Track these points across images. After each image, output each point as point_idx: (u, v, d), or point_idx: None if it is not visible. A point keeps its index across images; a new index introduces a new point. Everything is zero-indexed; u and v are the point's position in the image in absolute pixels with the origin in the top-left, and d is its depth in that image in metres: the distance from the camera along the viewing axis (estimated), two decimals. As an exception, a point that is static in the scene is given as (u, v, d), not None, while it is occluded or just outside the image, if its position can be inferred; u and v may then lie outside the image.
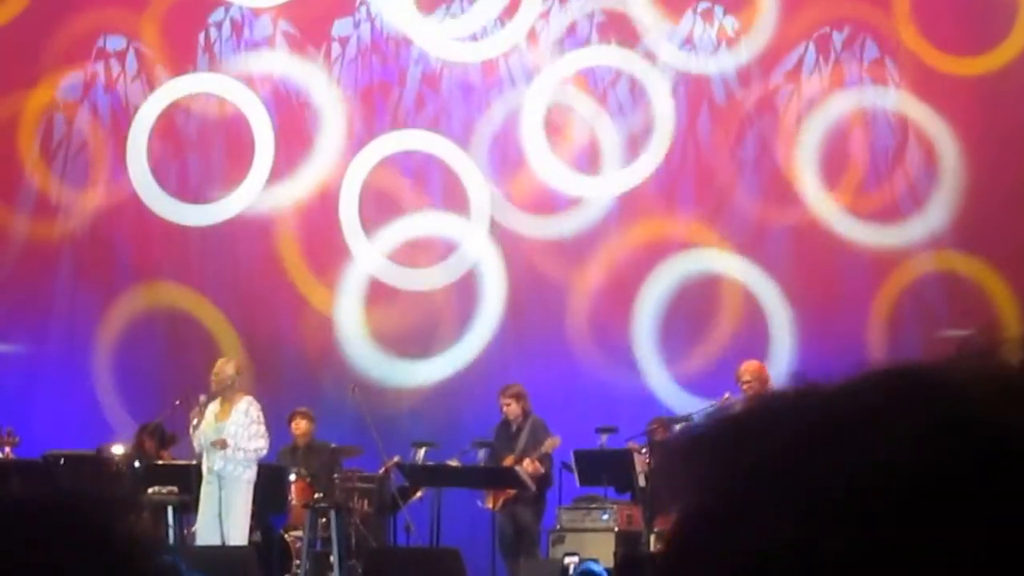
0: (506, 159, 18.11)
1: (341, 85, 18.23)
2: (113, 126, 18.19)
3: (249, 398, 14.96)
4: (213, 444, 14.59)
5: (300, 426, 15.95)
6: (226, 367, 15.05)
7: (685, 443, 1.06)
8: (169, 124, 18.17)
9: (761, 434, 1.01)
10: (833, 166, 17.73)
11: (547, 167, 17.99)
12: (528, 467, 15.02)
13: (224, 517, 14.58)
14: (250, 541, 14.92)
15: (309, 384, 17.25)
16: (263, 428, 14.84)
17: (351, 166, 18.07)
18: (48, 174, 18.17)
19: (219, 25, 18.24)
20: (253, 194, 18.02)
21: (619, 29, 18.06)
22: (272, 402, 15.76)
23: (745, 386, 14.48)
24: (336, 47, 18.29)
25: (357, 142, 18.13)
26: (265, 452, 14.94)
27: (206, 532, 14.59)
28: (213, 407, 14.80)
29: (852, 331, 16.89)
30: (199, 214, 18.09)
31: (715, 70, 17.99)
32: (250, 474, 14.72)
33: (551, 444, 15.17)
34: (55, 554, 1.39)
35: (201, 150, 18.26)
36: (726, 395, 14.67)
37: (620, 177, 17.94)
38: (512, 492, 15.01)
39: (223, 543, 14.46)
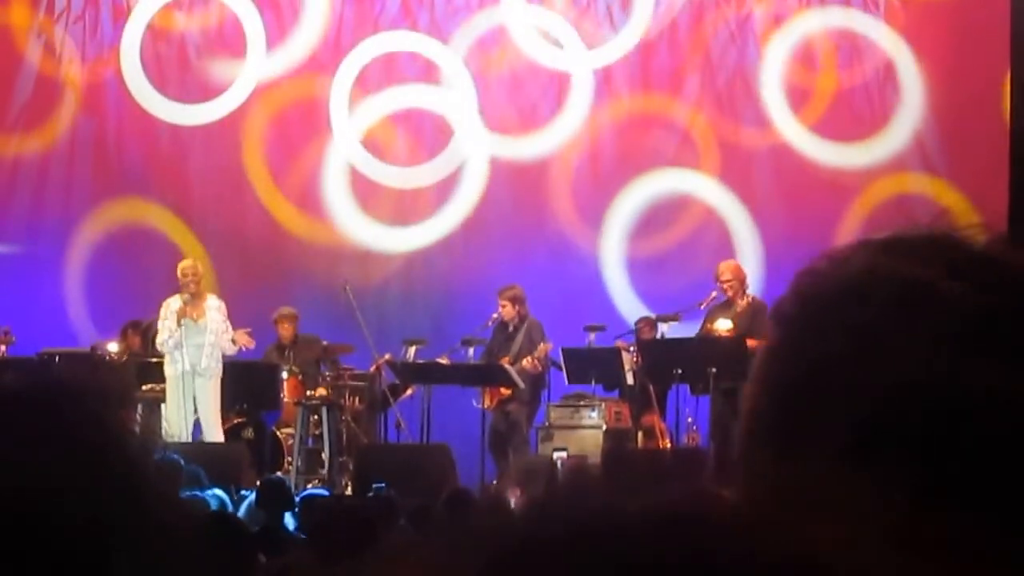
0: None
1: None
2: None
3: (214, 295, 15.13)
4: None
5: (287, 329, 15.99)
6: (198, 265, 15.18)
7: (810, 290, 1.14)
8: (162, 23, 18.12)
9: (895, 278, 1.12)
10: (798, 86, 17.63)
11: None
12: (527, 363, 15.13)
13: (201, 413, 14.75)
14: (242, 437, 15.10)
15: (300, 280, 17.33)
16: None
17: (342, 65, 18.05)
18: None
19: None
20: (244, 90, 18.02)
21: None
22: (264, 298, 15.88)
23: (725, 285, 14.60)
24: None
25: (345, 43, 18.08)
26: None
27: (176, 431, 14.71)
28: (174, 304, 14.90)
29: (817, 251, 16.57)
30: (191, 114, 18.08)
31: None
32: (220, 369, 14.93)
33: (542, 350, 15.25)
34: (49, 448, 1.33)
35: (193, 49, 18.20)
36: (712, 293, 14.83)
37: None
38: (506, 392, 15.12)
39: (195, 440, 14.62)
